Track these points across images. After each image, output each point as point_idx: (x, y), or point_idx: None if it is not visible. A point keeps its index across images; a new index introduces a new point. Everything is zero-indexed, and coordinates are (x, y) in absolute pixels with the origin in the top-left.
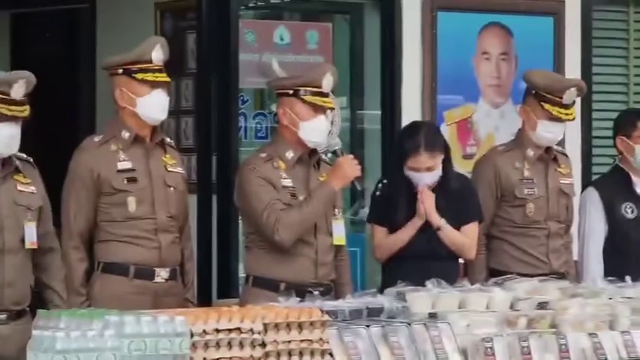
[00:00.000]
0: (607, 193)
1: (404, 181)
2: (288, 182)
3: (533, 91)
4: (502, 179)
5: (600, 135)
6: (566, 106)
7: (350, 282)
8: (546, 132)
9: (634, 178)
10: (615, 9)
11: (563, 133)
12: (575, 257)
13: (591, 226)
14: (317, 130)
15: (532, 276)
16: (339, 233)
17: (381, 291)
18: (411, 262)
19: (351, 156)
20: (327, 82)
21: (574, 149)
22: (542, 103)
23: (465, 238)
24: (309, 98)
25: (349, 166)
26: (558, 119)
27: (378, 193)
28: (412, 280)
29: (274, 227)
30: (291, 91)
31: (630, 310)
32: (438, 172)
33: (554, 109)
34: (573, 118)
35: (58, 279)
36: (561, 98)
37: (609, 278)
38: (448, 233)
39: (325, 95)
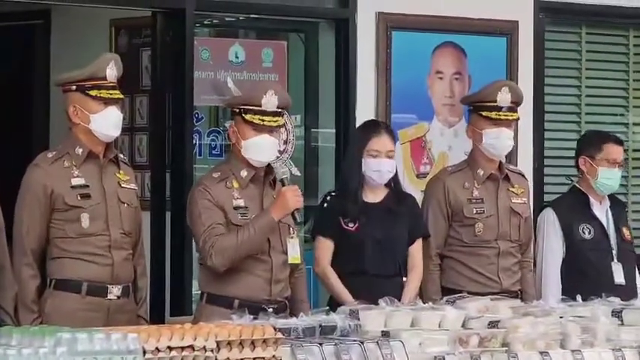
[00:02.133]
0: (564, 214)
1: (359, 174)
2: (240, 202)
3: (471, 107)
4: (451, 199)
5: (552, 155)
6: (505, 109)
7: (307, 299)
8: (493, 139)
9: (591, 199)
10: (568, 30)
11: (511, 140)
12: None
13: (549, 247)
14: (258, 148)
15: (483, 294)
16: (294, 252)
17: (328, 305)
18: (359, 279)
19: (295, 187)
20: (268, 101)
21: (526, 169)
22: (480, 113)
23: (418, 275)
24: (248, 117)
25: (291, 197)
26: (499, 122)
27: (325, 205)
28: (360, 296)
29: (208, 252)
30: (237, 110)
31: (581, 330)
32: (394, 165)
33: (492, 113)
34: (518, 119)
35: (9, 297)
36: (495, 101)
37: (563, 297)
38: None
39: (268, 114)
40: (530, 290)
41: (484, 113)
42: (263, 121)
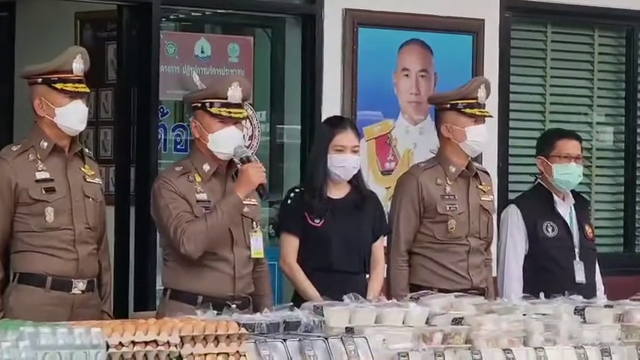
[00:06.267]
0: (528, 211)
1: (324, 170)
2: (202, 196)
3: (448, 105)
4: (424, 195)
5: (517, 153)
6: (482, 105)
7: (270, 294)
8: (477, 136)
9: (555, 196)
10: (533, 29)
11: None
12: (494, 274)
13: (512, 244)
14: (225, 141)
15: (454, 292)
16: (257, 247)
17: (292, 301)
18: (324, 275)
19: (257, 163)
20: (233, 93)
21: (491, 167)
22: (463, 111)
23: (382, 272)
24: (215, 110)
25: (254, 173)
26: (482, 119)
27: (289, 201)
28: (325, 292)
29: (180, 240)
30: (199, 104)
31: (544, 327)
32: (358, 161)
33: (474, 110)
34: (491, 116)
35: None
36: (476, 98)
37: (525, 295)
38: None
39: (233, 106)
40: (491, 287)
41: (468, 111)
42: (230, 113)
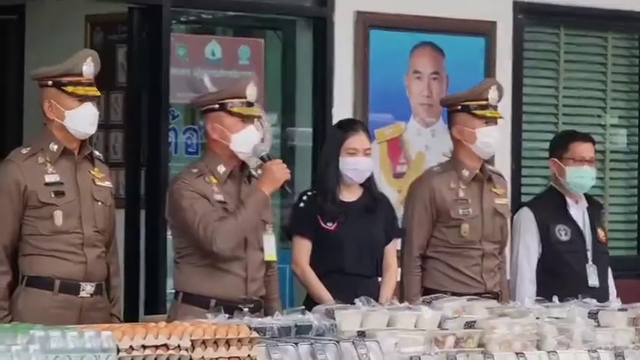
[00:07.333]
0: (541, 215)
1: (337, 173)
2: (220, 197)
3: (459, 107)
4: (437, 200)
5: (530, 155)
6: (494, 107)
7: (279, 297)
8: (488, 137)
9: (568, 199)
10: (546, 30)
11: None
12: (508, 277)
13: (525, 247)
14: (248, 140)
15: (468, 295)
16: (270, 249)
17: (304, 304)
18: (337, 278)
19: (279, 160)
20: (251, 92)
21: (504, 169)
22: (473, 112)
23: (394, 275)
24: (236, 109)
25: (278, 170)
26: (493, 120)
27: (302, 204)
28: (337, 296)
29: (211, 238)
30: (217, 105)
31: (557, 330)
32: (371, 164)
33: (485, 112)
34: (502, 117)
35: None
36: (487, 100)
37: (538, 298)
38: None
39: (251, 105)
40: (505, 291)
41: (478, 112)
42: (252, 111)
